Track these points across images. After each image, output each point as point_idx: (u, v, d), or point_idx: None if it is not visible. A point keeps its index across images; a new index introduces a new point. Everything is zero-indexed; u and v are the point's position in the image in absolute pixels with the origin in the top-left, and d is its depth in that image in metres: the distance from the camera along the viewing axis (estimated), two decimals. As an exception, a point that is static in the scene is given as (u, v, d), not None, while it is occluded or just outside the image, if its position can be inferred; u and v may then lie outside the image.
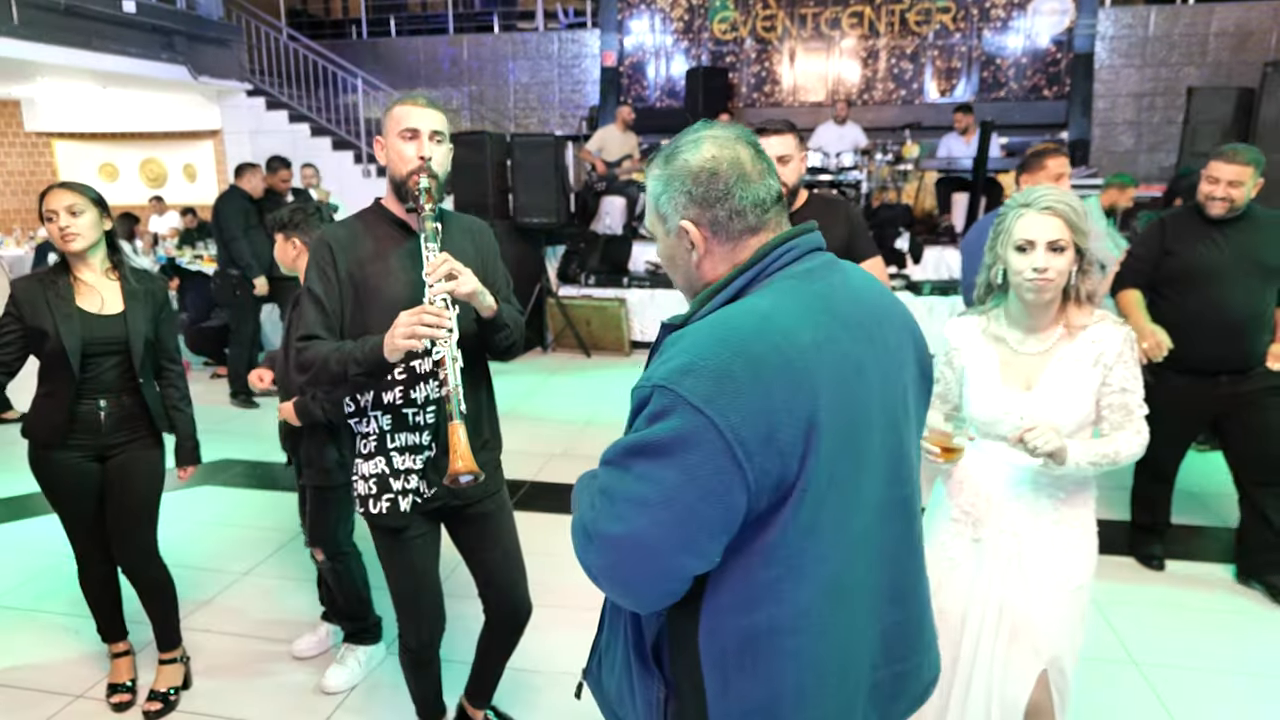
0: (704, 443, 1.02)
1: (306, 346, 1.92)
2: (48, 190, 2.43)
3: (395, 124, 1.94)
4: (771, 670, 1.12)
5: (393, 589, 2.16)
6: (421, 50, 11.71)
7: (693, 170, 1.17)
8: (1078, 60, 9.65)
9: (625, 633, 1.25)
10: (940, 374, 2.00)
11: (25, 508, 4.28)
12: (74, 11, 7.91)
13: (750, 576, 1.10)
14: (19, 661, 2.89)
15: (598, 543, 1.10)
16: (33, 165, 11.56)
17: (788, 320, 1.09)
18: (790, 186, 2.65)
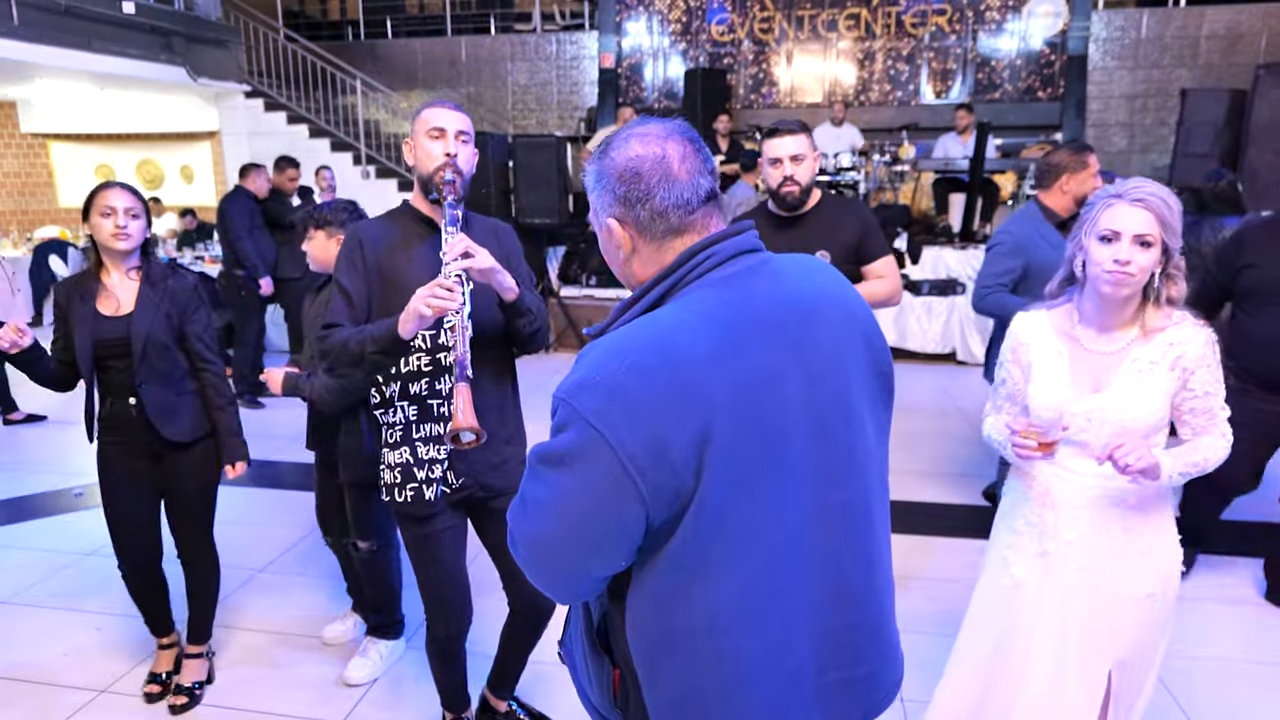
0: (596, 456, 1.04)
1: (328, 334, 1.98)
2: (107, 185, 2.45)
3: (423, 124, 2.00)
4: (693, 667, 1.15)
5: (421, 580, 2.20)
6: (419, 51, 11.73)
7: (619, 168, 1.16)
8: (1071, 62, 9.74)
9: (579, 616, 1.31)
10: (1007, 373, 1.92)
11: (43, 506, 4.30)
12: (73, 12, 7.91)
13: (660, 583, 1.13)
14: (42, 657, 2.92)
15: (518, 540, 1.15)
16: (29, 167, 11.53)
17: (685, 334, 1.08)
18: (804, 185, 2.70)
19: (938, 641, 2.95)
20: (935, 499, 4.27)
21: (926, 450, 5.02)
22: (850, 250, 2.73)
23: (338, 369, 1.95)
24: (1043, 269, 2.87)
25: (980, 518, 4.02)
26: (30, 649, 2.97)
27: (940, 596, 3.29)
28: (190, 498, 2.64)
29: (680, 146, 1.16)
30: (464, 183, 1.99)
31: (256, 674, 2.84)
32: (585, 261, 8.08)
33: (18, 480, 4.65)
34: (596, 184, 1.19)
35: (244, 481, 4.60)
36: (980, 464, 4.78)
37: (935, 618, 3.12)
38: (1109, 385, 1.77)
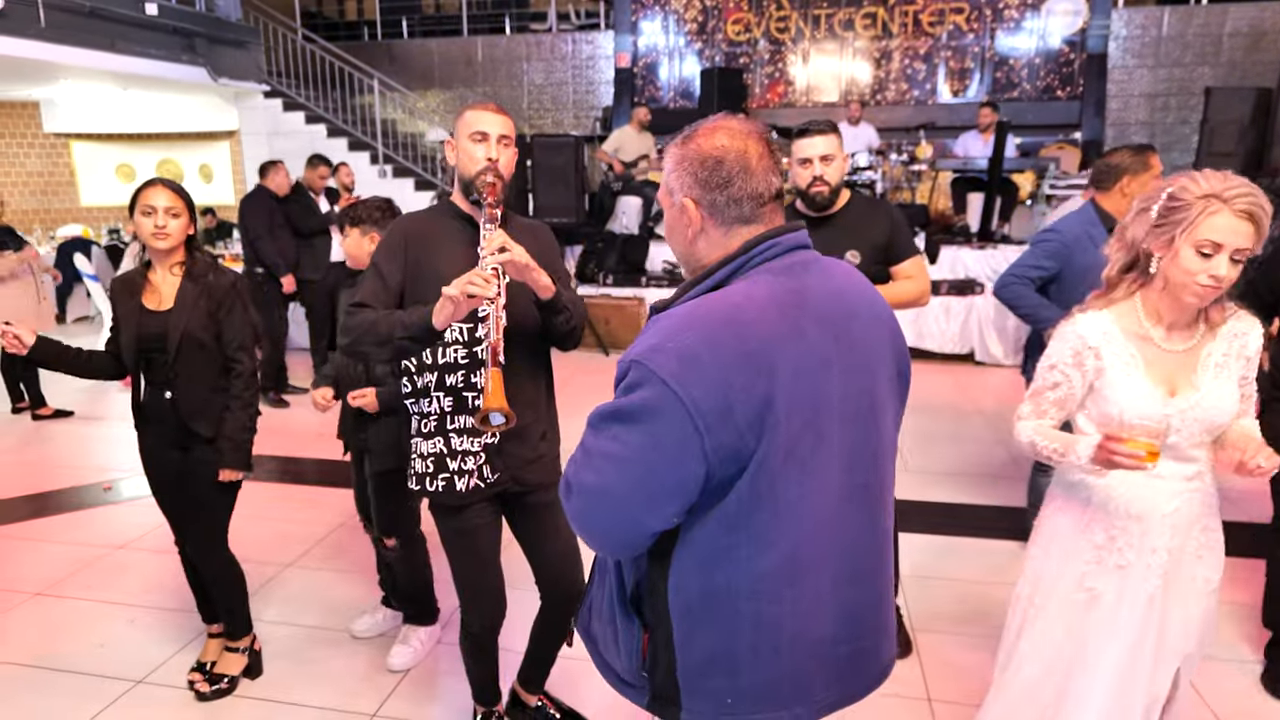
0: (668, 413, 1.14)
1: (356, 312, 2.00)
2: (149, 184, 2.48)
3: (466, 127, 2.03)
4: (729, 628, 1.25)
5: (456, 574, 2.23)
6: (436, 51, 11.78)
7: (703, 154, 1.26)
8: (1091, 61, 9.70)
9: (611, 585, 1.38)
10: (1062, 376, 1.79)
11: (73, 500, 4.36)
12: (98, 14, 7.99)
13: (711, 540, 1.22)
14: (78, 648, 2.97)
15: (574, 490, 1.23)
16: (51, 166, 11.64)
17: (754, 312, 1.19)
18: (833, 185, 2.70)
19: (962, 641, 2.97)
20: (954, 499, 4.27)
21: (946, 451, 5.02)
22: (879, 250, 2.74)
23: (360, 345, 1.96)
24: (1084, 272, 2.82)
25: (1000, 518, 4.03)
26: (66, 640, 3.02)
27: (964, 597, 3.30)
28: (207, 494, 2.63)
29: (759, 145, 1.27)
30: (504, 185, 2.02)
31: (287, 667, 2.87)
32: (602, 261, 8.10)
33: (48, 475, 4.72)
34: (676, 166, 1.29)
35: (269, 477, 4.68)
36: (1001, 464, 4.77)
37: (959, 617, 3.13)
38: (1191, 384, 1.71)
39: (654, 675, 1.33)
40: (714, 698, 1.29)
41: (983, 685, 2.70)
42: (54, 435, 5.55)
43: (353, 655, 2.95)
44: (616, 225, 8.64)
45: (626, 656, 1.36)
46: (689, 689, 1.30)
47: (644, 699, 1.37)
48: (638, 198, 8.57)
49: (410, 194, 9.86)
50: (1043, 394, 1.83)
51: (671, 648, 1.28)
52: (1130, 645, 1.78)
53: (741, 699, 1.28)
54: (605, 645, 1.42)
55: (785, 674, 1.29)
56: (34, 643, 3.00)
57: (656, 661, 1.32)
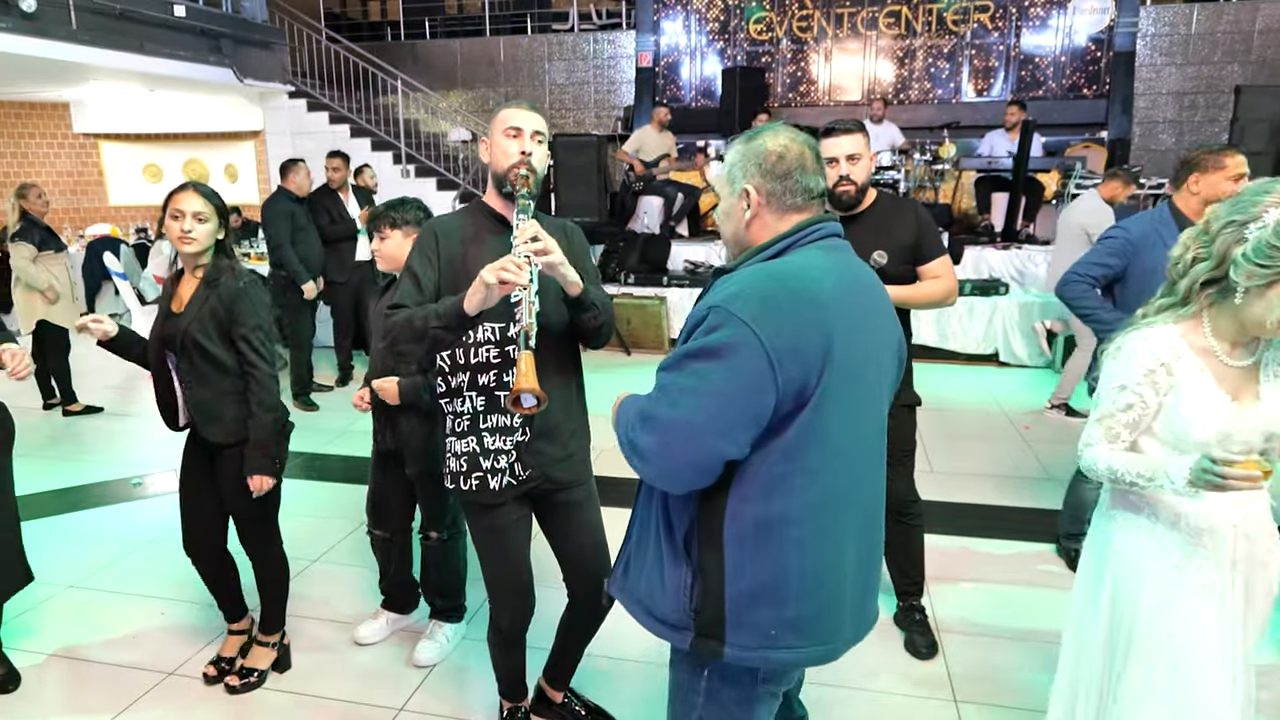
0: (747, 348, 1.32)
1: (392, 314, 2.01)
2: (181, 188, 2.50)
3: (501, 124, 2.06)
4: (779, 555, 1.41)
5: (486, 571, 2.24)
6: (458, 52, 11.85)
7: (769, 149, 1.48)
8: (1118, 59, 9.60)
9: (658, 532, 1.53)
10: (1135, 396, 1.69)
11: (104, 495, 4.43)
12: (128, 16, 8.10)
13: (770, 470, 1.39)
14: (112, 640, 3.02)
15: (652, 425, 1.38)
16: (80, 166, 11.81)
17: (815, 273, 1.42)
18: (859, 185, 2.70)
19: (988, 643, 2.96)
20: (979, 500, 4.25)
21: (970, 451, 4.99)
22: (906, 250, 2.73)
23: (399, 344, 1.98)
24: (1150, 274, 2.79)
25: (1024, 519, 4.00)
26: (98, 632, 3.07)
27: (989, 598, 3.28)
28: (235, 498, 2.62)
29: (813, 153, 1.51)
30: (537, 179, 2.03)
31: (317, 660, 2.90)
32: (624, 260, 8.11)
33: (79, 469, 4.79)
34: (741, 158, 1.50)
35: (296, 474, 4.72)
36: (1026, 465, 4.74)
37: (985, 619, 3.12)
38: (1255, 395, 1.67)
39: (700, 614, 1.45)
40: (758, 630, 1.42)
41: (1009, 686, 2.69)
42: (84, 431, 5.64)
43: (380, 650, 2.97)
44: (638, 225, 8.65)
45: (673, 598, 1.48)
46: (735, 622, 1.43)
47: (687, 639, 1.47)
48: (659, 197, 8.57)
49: (433, 194, 9.92)
50: (1114, 416, 1.72)
51: (722, 581, 1.42)
52: (1230, 666, 1.71)
53: (784, 630, 1.42)
54: (649, 593, 1.53)
55: (824, 608, 1.45)
56: (68, 634, 3.05)
57: (705, 599, 1.44)
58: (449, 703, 2.67)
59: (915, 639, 2.90)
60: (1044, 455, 4.90)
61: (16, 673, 2.77)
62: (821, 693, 2.65)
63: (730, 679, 1.51)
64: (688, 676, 1.55)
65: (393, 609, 3.09)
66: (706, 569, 1.44)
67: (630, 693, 2.69)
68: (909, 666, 2.84)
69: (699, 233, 8.96)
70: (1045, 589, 3.34)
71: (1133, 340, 1.71)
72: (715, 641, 1.44)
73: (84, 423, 5.78)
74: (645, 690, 2.71)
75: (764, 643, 1.42)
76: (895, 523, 2.92)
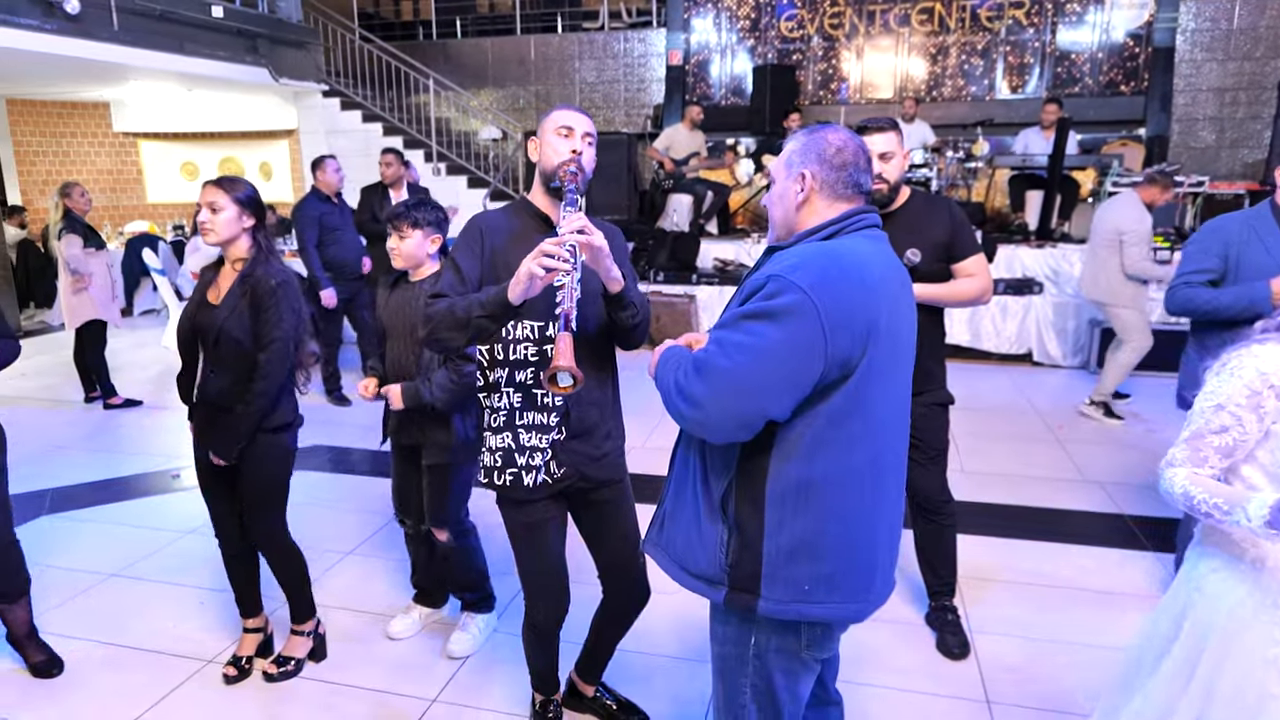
0: (802, 314, 1.40)
1: (434, 303, 2.03)
2: (206, 183, 2.57)
3: (553, 124, 2.09)
4: (818, 513, 1.49)
5: (521, 568, 2.26)
6: (489, 50, 11.91)
7: (830, 142, 1.59)
8: (1157, 54, 9.44)
9: (694, 491, 1.61)
10: (1233, 419, 1.54)
11: (143, 487, 4.53)
12: (167, 17, 8.25)
13: (815, 434, 1.48)
14: (151, 628, 3.09)
15: (705, 373, 1.45)
16: (120, 164, 12.04)
17: (864, 256, 1.52)
18: (892, 182, 2.69)
19: (1020, 644, 2.93)
20: (1011, 501, 4.21)
21: (1003, 452, 4.94)
22: (940, 248, 2.71)
23: (439, 332, 1.98)
24: (1256, 274, 2.75)
25: (1057, 520, 3.96)
26: (139, 620, 3.14)
27: (1021, 599, 3.25)
28: (252, 488, 2.67)
29: (868, 155, 1.63)
30: (584, 179, 2.04)
31: (350, 650, 2.95)
32: (653, 258, 8.12)
33: (119, 461, 4.89)
34: (802, 147, 1.61)
35: (324, 467, 4.79)
36: (1061, 467, 4.69)
37: (1017, 620, 3.09)
38: None
39: (735, 568, 1.54)
40: (793, 584, 1.50)
41: (1040, 688, 2.67)
42: (124, 424, 5.75)
43: (413, 641, 3.01)
44: (667, 223, 8.65)
45: (709, 553, 1.57)
46: (771, 576, 1.51)
47: (722, 594, 1.55)
48: (688, 195, 8.56)
49: (463, 191, 10.00)
50: (1205, 438, 1.58)
51: (761, 537, 1.51)
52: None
53: (818, 586, 1.50)
54: (685, 550, 1.62)
55: (857, 566, 1.53)
56: (110, 622, 3.13)
57: (742, 554, 1.53)
58: (481, 694, 2.70)
59: (947, 639, 2.88)
60: (1079, 457, 4.84)
61: (59, 658, 2.84)
62: (853, 690, 2.65)
63: (777, 647, 1.58)
64: (734, 649, 1.62)
65: (425, 603, 3.12)
66: (745, 526, 1.52)
67: (662, 688, 2.70)
68: (941, 666, 2.82)
69: (728, 231, 8.94)
70: (1080, 591, 3.30)
71: (1241, 357, 1.56)
72: (750, 595, 1.52)
73: (123, 416, 5.90)
74: (677, 686, 2.72)
75: (798, 597, 1.51)
76: (927, 522, 2.91)
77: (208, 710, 2.64)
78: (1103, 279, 5.48)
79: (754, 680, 1.61)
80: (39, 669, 2.81)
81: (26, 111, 11.01)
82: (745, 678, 1.62)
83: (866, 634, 3.01)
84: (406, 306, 2.79)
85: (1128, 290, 5.40)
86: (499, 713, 2.61)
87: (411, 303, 2.78)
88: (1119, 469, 4.64)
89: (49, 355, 7.73)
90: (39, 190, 11.13)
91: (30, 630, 2.84)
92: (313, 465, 4.82)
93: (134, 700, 2.67)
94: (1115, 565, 3.52)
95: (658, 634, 2.92)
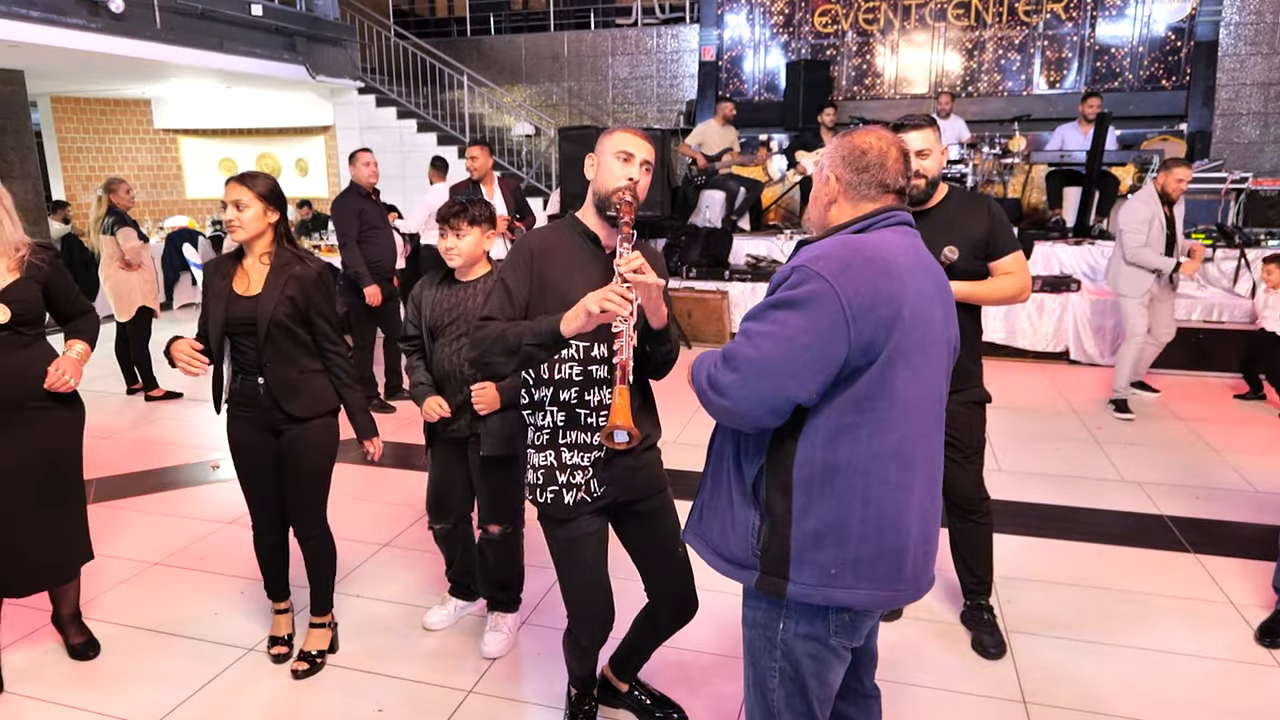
0: (826, 301, 1.45)
1: (483, 325, 2.05)
2: (229, 180, 2.61)
3: (613, 145, 2.07)
4: (843, 498, 1.53)
5: (564, 586, 2.25)
6: (523, 47, 11.97)
7: (855, 146, 1.63)
8: (1199, 48, 9.25)
9: (729, 478, 1.67)
10: None
11: (184, 477, 4.62)
12: (208, 15, 8.39)
13: (839, 420, 1.52)
14: (193, 615, 3.15)
15: (733, 363, 1.50)
16: (160, 160, 12.26)
17: (890, 248, 1.56)
18: (930, 178, 2.67)
19: (1058, 644, 2.91)
20: (1047, 500, 4.16)
21: (1038, 451, 4.88)
22: (979, 246, 2.69)
23: (489, 357, 2.00)
24: None
25: (1094, 520, 3.91)
26: (182, 607, 3.21)
27: (1059, 599, 3.22)
28: (308, 472, 2.73)
29: (897, 152, 1.64)
30: (638, 206, 2.03)
31: (386, 642, 2.98)
32: (685, 254, 8.12)
33: (160, 452, 5.00)
34: (833, 150, 1.67)
35: (359, 460, 4.85)
36: (1098, 467, 4.62)
37: (1054, 620, 3.06)
38: None
39: (766, 552, 1.59)
40: (820, 569, 1.54)
41: (1079, 690, 2.64)
42: (165, 416, 5.87)
43: (447, 633, 3.04)
44: (699, 219, 8.64)
45: (741, 538, 1.62)
46: (799, 560, 1.55)
47: (753, 578, 1.61)
48: (721, 191, 8.55)
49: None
50: None
51: (789, 521, 1.55)
52: None
53: (845, 570, 1.54)
54: (720, 535, 1.68)
55: (884, 552, 1.56)
56: (154, 609, 3.20)
57: (771, 538, 1.58)
58: (517, 686, 2.73)
59: (983, 638, 2.86)
60: (1118, 457, 4.77)
61: (96, 641, 2.91)
62: (887, 689, 2.63)
63: (805, 633, 1.62)
64: (763, 633, 1.66)
65: (460, 595, 3.14)
66: (774, 510, 1.57)
67: (699, 684, 2.71)
68: (977, 666, 2.81)
69: (761, 227, 8.91)
70: (1119, 592, 3.26)
71: None
72: (779, 579, 1.57)
73: (165, 408, 6.02)
74: (713, 682, 2.73)
75: (825, 581, 1.55)
76: (963, 520, 2.89)
77: (248, 697, 2.69)
78: (1110, 270, 5.73)
79: (782, 665, 1.65)
80: (76, 650, 2.87)
81: (71, 109, 11.25)
82: (774, 662, 1.65)
83: (902, 632, 3.00)
84: (460, 307, 2.77)
85: (1124, 279, 5.53)
86: (534, 704, 2.63)
87: (465, 303, 2.76)
88: (1159, 469, 4.57)
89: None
90: (82, 186, 11.36)
91: (75, 612, 2.91)
92: (351, 458, 4.88)
93: (177, 686, 2.72)
94: (1155, 567, 3.47)
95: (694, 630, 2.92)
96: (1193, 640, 2.93)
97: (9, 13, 6.67)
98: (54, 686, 2.73)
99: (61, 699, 2.66)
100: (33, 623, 3.03)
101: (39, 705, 2.64)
